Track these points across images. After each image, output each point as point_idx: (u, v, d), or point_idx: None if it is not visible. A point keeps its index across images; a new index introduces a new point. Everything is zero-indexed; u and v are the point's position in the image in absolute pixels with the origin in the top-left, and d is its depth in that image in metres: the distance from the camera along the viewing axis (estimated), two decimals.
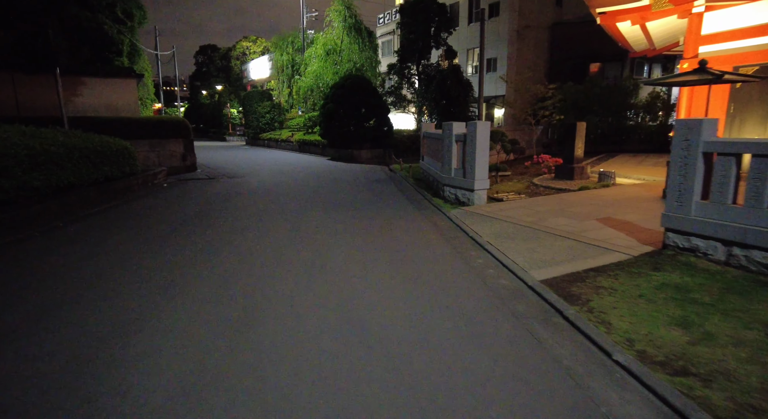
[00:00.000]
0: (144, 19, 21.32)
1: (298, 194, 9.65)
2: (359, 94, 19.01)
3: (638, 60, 28.13)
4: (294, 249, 5.34)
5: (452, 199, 8.30)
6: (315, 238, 5.83)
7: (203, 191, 10.08)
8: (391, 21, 36.36)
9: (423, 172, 11.65)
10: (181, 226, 6.49)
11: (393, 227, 6.48)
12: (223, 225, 6.62)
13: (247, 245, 5.48)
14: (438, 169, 9.17)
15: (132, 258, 4.95)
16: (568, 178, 10.44)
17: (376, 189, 10.52)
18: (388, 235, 5.99)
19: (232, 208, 8.01)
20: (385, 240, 5.72)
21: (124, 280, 4.23)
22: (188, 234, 6.03)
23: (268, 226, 6.53)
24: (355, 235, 5.99)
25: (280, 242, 5.65)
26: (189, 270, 4.53)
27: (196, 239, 5.78)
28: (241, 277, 4.31)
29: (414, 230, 6.31)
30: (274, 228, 6.37)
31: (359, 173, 14.06)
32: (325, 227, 6.47)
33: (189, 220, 6.90)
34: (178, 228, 6.36)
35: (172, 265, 4.68)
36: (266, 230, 6.29)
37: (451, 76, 15.56)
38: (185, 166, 13.84)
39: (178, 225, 6.60)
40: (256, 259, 4.90)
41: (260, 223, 6.73)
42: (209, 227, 6.46)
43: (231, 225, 6.60)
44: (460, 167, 8.09)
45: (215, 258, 4.90)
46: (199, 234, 6.00)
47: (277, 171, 14.57)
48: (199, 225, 6.58)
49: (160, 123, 13.30)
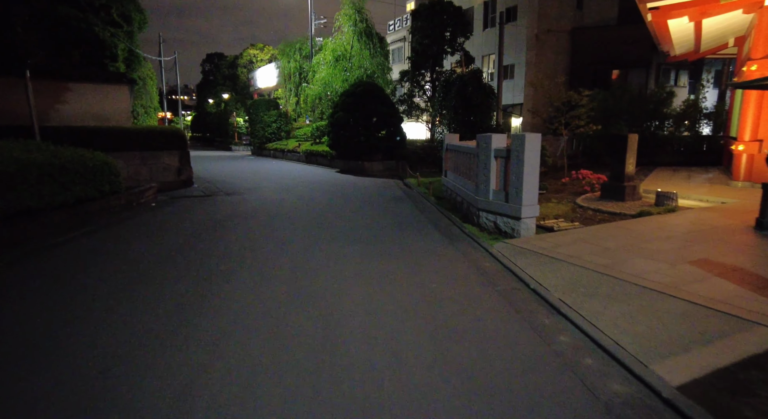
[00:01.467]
0: (145, 24, 20.28)
1: (302, 218, 8.23)
2: (371, 102, 17.69)
3: (664, 66, 26.64)
4: (294, 313, 3.89)
5: (490, 227, 6.83)
6: (323, 293, 4.37)
7: (194, 213, 8.71)
8: (402, 28, 35.27)
9: (447, 189, 10.20)
10: (151, 269, 5.08)
11: (424, 271, 5.02)
12: (205, 267, 5.20)
13: (230, 307, 4.03)
14: (470, 190, 7.71)
15: (57, 335, 3.54)
16: (618, 199, 8.93)
17: (393, 210, 9.08)
18: (419, 287, 4.53)
19: (222, 239, 6.60)
20: (418, 297, 4.25)
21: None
22: (155, 284, 4.60)
23: (263, 270, 5.10)
24: (376, 287, 4.53)
25: (276, 299, 4.21)
26: (128, 369, 3.10)
27: (163, 293, 4.35)
28: (212, 380, 2.87)
29: (453, 277, 4.84)
30: (270, 274, 4.93)
31: (371, 189, 12.65)
32: (336, 272, 5.02)
33: (164, 259, 5.49)
34: (146, 274, 4.94)
35: (109, 354, 3.26)
36: (259, 276, 4.85)
37: (472, 81, 14.19)
38: (180, 181, 12.53)
39: (148, 266, 5.19)
40: (239, 338, 3.45)
41: (253, 264, 5.30)
42: (186, 271, 5.04)
43: (215, 267, 5.18)
44: (500, 189, 6.63)
45: (178, 339, 3.44)
46: (170, 285, 4.57)
47: (282, 186, 13.21)
48: (174, 267, 5.16)
49: (152, 133, 12.02)
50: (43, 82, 10.42)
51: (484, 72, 27.89)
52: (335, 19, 21.99)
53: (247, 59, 42.32)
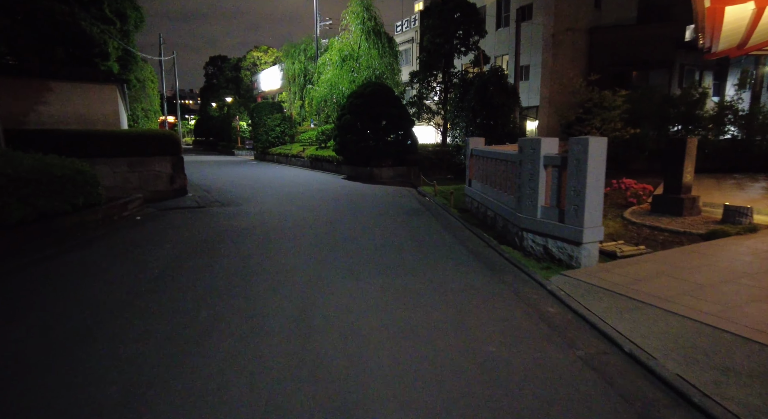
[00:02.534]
0: (141, 22, 19.25)
1: (306, 238, 7.01)
2: (380, 104, 16.51)
3: (688, 67, 25.31)
4: (296, 398, 2.64)
5: (538, 252, 5.57)
6: (336, 362, 3.12)
7: (181, 230, 7.50)
8: (410, 28, 34.17)
9: (472, 201, 8.95)
10: (102, 322, 3.85)
11: (470, 321, 3.75)
12: (178, 315, 3.96)
13: (202, 390, 2.80)
14: (508, 205, 6.46)
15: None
16: (674, 214, 7.65)
17: (413, 226, 7.84)
18: (471, 353, 3.26)
19: (208, 268, 5.38)
20: (473, 373, 2.99)
21: None
22: (100, 345, 3.38)
23: (254, 318, 3.86)
24: (410, 351, 3.28)
25: (270, 371, 2.96)
26: None
27: (107, 367, 3.13)
28: None
29: (512, 332, 3.57)
30: (264, 327, 3.69)
31: (384, 199, 11.42)
32: (351, 323, 3.77)
33: (126, 303, 4.26)
34: (93, 329, 3.72)
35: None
36: (249, 330, 3.60)
37: (493, 80, 12.97)
38: (173, 190, 11.35)
39: (100, 316, 3.96)
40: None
41: (243, 308, 4.06)
42: (152, 322, 3.80)
43: (193, 314, 3.93)
44: (553, 205, 5.38)
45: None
46: (131, 343, 3.35)
47: (284, 195, 12.01)
48: (137, 317, 3.91)
49: (142, 138, 10.86)
50: (16, 80, 9.32)
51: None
52: (342, 17, 20.90)
53: (250, 62, 41.38)
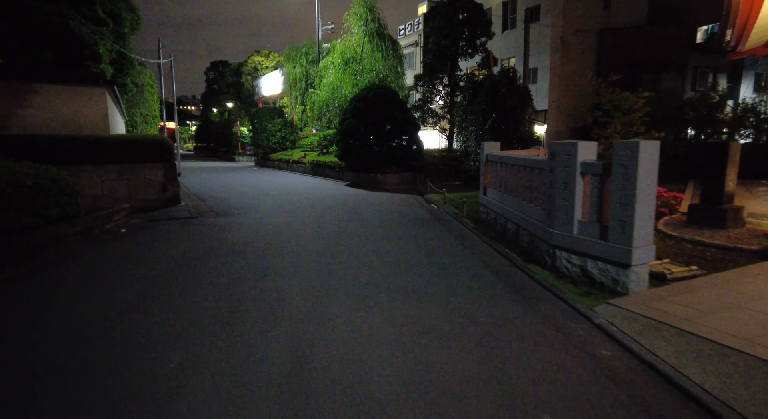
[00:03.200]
0: (138, 25, 18.66)
1: (305, 255, 6.25)
2: (384, 107, 15.82)
3: (701, 69, 24.57)
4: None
5: (574, 273, 4.80)
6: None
7: (167, 246, 6.76)
8: (413, 32, 33.60)
9: (488, 212, 8.18)
10: (39, 379, 3.10)
11: (510, 374, 2.97)
12: (145, 360, 3.20)
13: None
14: (536, 217, 5.69)
15: None
16: (715, 226, 6.87)
17: (425, 240, 7.07)
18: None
19: (188, 295, 4.62)
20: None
21: None
22: (48, 410, 2.63)
23: (238, 371, 3.09)
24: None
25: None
26: None
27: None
28: None
29: (568, 392, 2.78)
30: (249, 377, 2.92)
31: (389, 207, 10.67)
32: (360, 376, 3.00)
33: (87, 340, 3.51)
34: (42, 381, 2.97)
35: None
36: (227, 394, 2.84)
37: (505, 82, 12.26)
38: (164, 199, 10.62)
39: (38, 368, 3.22)
40: None
41: (223, 355, 3.29)
42: (107, 377, 3.05)
43: (162, 362, 3.16)
44: (593, 220, 4.61)
45: None
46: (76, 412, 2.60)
47: (283, 204, 11.27)
48: (91, 366, 3.18)
49: (131, 144, 10.15)
50: (3, 82, 8.66)
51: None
52: (344, 19, 20.29)
53: (251, 66, 40.88)
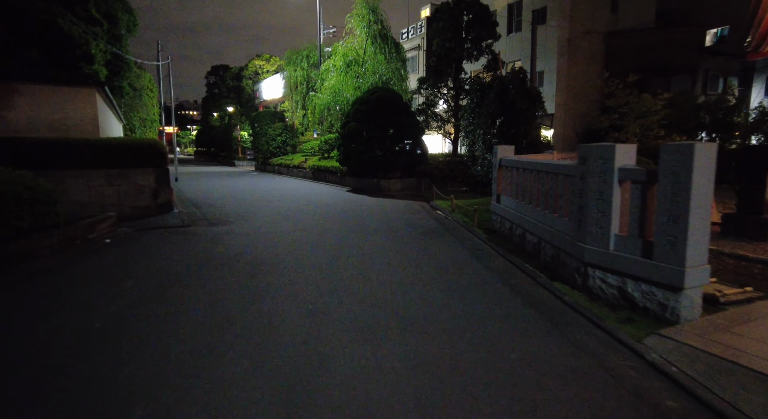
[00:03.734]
0: (135, 26, 18.19)
1: (304, 271, 5.64)
2: (388, 111, 15.28)
3: (712, 73, 24.05)
4: None
5: (611, 295, 4.18)
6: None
7: (152, 259, 6.16)
8: (416, 35, 33.18)
9: (501, 220, 7.56)
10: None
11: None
12: (99, 415, 2.60)
13: None
14: (563, 229, 5.08)
15: None
16: (755, 238, 6.26)
17: (435, 253, 6.47)
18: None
19: (168, 320, 4.01)
20: None
21: None
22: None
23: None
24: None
25: None
26: None
27: None
28: None
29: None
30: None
31: (394, 215, 10.07)
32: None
33: (31, 386, 2.91)
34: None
35: None
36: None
37: (515, 83, 11.70)
38: (157, 206, 10.04)
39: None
40: None
41: (202, 405, 2.69)
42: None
43: (125, 411, 2.57)
44: (634, 234, 4.00)
45: None
46: None
47: (282, 211, 10.68)
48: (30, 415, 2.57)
49: (121, 147, 9.59)
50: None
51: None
52: (346, 20, 19.81)
53: (252, 70, 40.49)
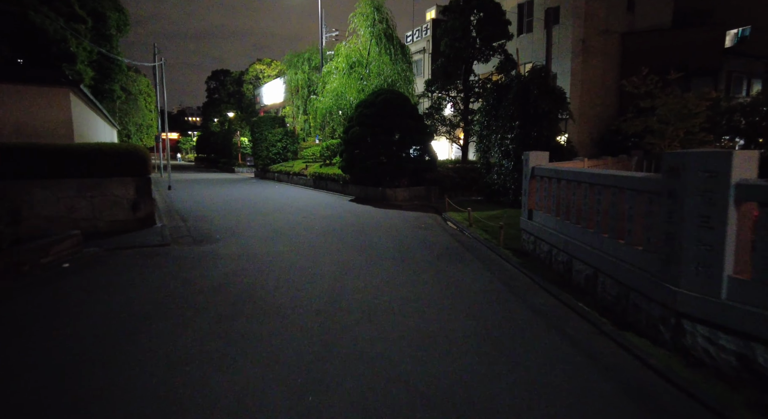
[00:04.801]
0: (126, 26, 17.16)
1: (297, 313, 4.46)
2: (394, 114, 14.17)
3: (735, 74, 22.86)
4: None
5: (723, 362, 2.98)
6: None
7: (109, 293, 5.00)
8: (422, 38, 32.21)
9: (538, 241, 6.37)
10: None
11: None
12: None
13: None
14: (637, 262, 3.88)
15: None
16: None
17: (458, 282, 5.28)
18: None
19: (103, 396, 2.85)
20: None
21: None
22: None
23: None
24: None
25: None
26: None
27: None
28: None
29: None
30: None
31: (405, 230, 8.89)
32: None
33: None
34: None
35: None
36: None
37: (537, 82, 10.56)
38: (136, 220, 8.90)
39: None
40: None
41: None
42: None
43: None
44: (762, 278, 2.79)
45: None
46: None
47: (278, 225, 9.52)
48: None
49: (96, 154, 8.48)
50: None
51: None
52: (349, 20, 18.78)
53: (253, 75, 39.58)
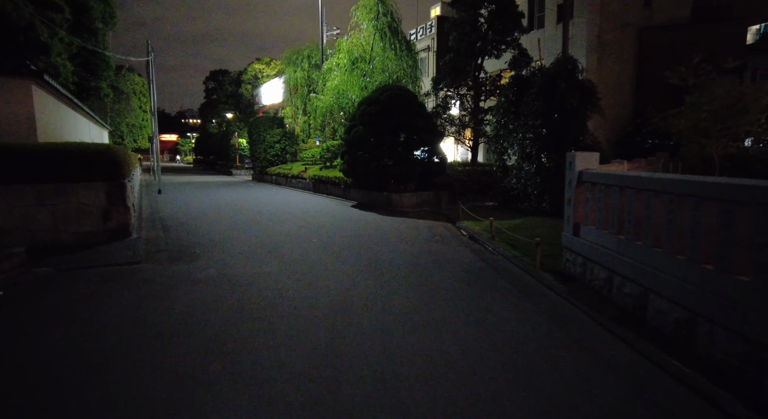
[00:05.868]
0: (112, 18, 15.99)
1: (282, 376, 3.26)
2: (401, 112, 12.97)
3: (761, 71, 21.66)
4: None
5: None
6: None
7: (41, 339, 3.81)
8: (426, 36, 31.08)
9: (588, 264, 5.14)
10: None
11: None
12: None
13: None
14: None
15: None
16: None
17: (492, 319, 4.08)
18: None
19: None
20: None
21: None
22: None
23: None
24: None
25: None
26: None
27: None
28: None
29: None
30: None
31: (416, 244, 7.69)
32: None
33: None
34: None
35: None
36: None
37: (563, 75, 9.37)
38: (107, 231, 7.70)
39: None
40: None
41: None
42: None
43: None
44: None
45: None
46: None
47: (270, 238, 8.33)
48: None
49: (60, 154, 7.30)
50: None
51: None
52: (351, 14, 17.61)
53: (252, 75, 38.45)
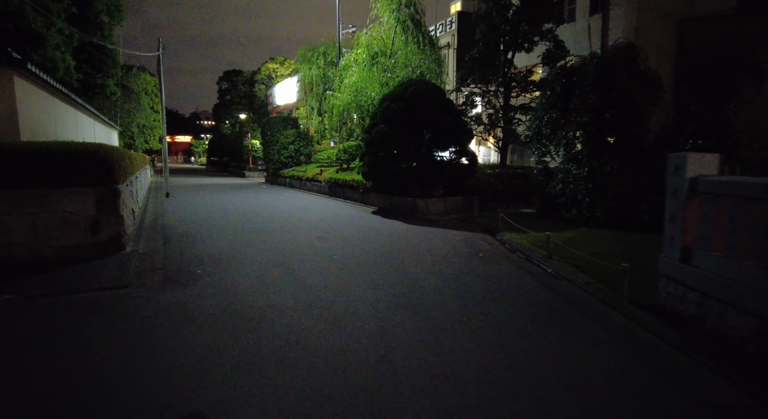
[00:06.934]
0: (118, 12, 15.11)
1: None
2: (427, 109, 11.75)
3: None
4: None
5: None
6: None
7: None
8: (445, 33, 29.84)
9: (708, 302, 3.85)
10: None
11: None
12: None
13: None
14: None
15: None
16: None
17: (593, 388, 2.83)
18: None
19: None
20: None
21: None
22: None
23: None
24: None
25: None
26: None
27: None
28: None
29: None
30: None
31: (456, 263, 6.44)
32: None
33: None
34: None
35: None
36: None
37: (622, 64, 8.03)
38: (97, 244, 6.63)
39: None
40: None
41: None
42: None
43: None
44: None
45: None
46: None
47: (283, 255, 7.16)
48: None
49: (41, 155, 6.25)
50: None
51: None
52: (371, 5, 16.46)
53: (265, 74, 37.63)
